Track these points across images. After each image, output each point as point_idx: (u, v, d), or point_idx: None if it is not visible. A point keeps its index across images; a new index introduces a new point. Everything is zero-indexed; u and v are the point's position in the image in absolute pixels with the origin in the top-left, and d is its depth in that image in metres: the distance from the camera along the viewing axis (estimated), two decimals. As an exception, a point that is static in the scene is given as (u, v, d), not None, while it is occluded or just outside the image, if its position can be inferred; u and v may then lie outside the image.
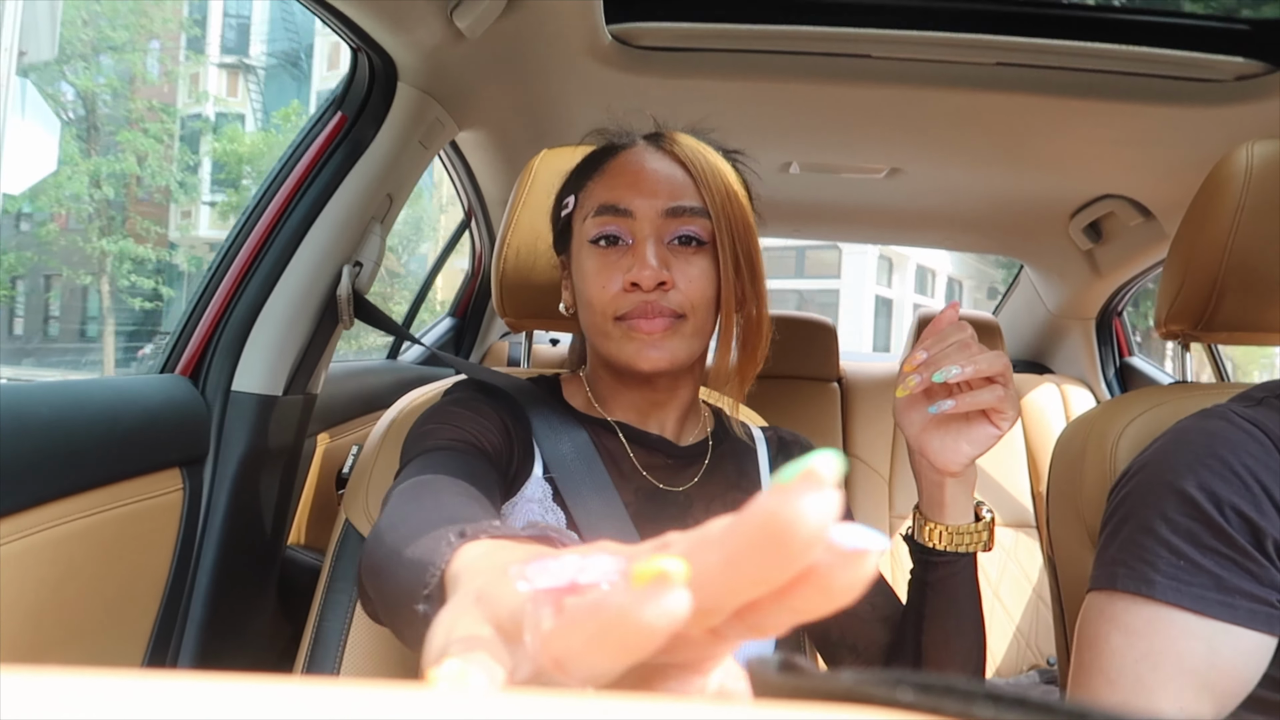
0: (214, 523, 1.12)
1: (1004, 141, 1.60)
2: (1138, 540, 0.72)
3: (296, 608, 1.24)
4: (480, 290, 2.31)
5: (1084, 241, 2.13)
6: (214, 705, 0.15)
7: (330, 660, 0.92)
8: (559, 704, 0.16)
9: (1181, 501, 0.70)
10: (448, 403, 0.80)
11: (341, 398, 1.53)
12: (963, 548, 0.75)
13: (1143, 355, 2.54)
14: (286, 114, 14.85)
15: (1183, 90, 1.31)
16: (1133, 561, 0.71)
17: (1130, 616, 0.70)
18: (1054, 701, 0.16)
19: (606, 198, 0.78)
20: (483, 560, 0.34)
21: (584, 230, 0.79)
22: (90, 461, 0.89)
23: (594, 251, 0.79)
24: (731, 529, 0.20)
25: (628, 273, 0.76)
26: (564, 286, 0.88)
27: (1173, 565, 0.69)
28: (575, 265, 0.82)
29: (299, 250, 1.17)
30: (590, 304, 0.79)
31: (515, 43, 1.25)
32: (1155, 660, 0.67)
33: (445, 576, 0.36)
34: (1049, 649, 1.97)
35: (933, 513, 0.75)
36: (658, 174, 0.78)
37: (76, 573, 0.89)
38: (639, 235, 0.77)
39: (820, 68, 1.34)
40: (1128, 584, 0.70)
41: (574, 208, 0.83)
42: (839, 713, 0.17)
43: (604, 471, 0.80)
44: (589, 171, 0.83)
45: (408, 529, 0.50)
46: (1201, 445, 0.73)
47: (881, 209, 2.21)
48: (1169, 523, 0.70)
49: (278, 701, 0.15)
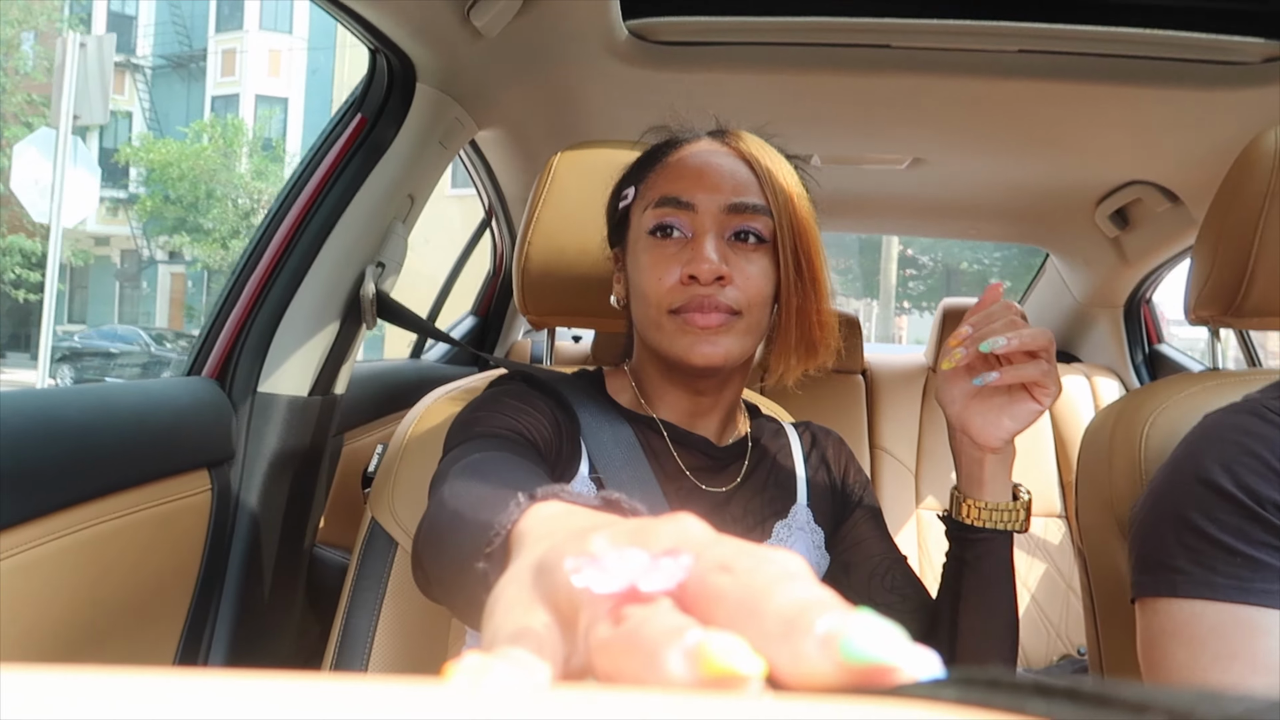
0: (242, 522, 1.13)
1: (1027, 129, 1.58)
2: (1187, 542, 0.70)
3: (324, 606, 1.25)
4: (502, 288, 2.32)
5: (1110, 229, 2.10)
6: (244, 703, 0.15)
7: (358, 657, 0.92)
8: (575, 701, 0.16)
9: (1222, 499, 0.69)
10: (496, 393, 0.79)
11: (366, 397, 1.54)
12: (1000, 525, 0.75)
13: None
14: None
15: (1209, 73, 1.29)
16: (1188, 566, 0.69)
17: (1196, 623, 0.68)
18: (1109, 692, 0.15)
19: (668, 189, 0.77)
20: (552, 522, 0.32)
21: (642, 221, 0.79)
22: (120, 464, 0.90)
23: (651, 243, 0.78)
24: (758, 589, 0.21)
25: (685, 265, 0.75)
26: (616, 279, 0.87)
27: (1230, 564, 0.67)
28: (631, 257, 0.81)
29: (322, 252, 1.18)
30: (644, 295, 0.78)
31: (532, 41, 1.25)
32: (1226, 664, 0.65)
33: (511, 536, 0.34)
34: (1079, 638, 1.95)
35: (971, 490, 0.76)
36: (721, 169, 0.78)
37: (108, 573, 0.90)
38: (699, 229, 0.76)
39: (840, 59, 1.33)
40: (1189, 589, 0.68)
41: (633, 199, 0.82)
42: (880, 706, 0.16)
43: (648, 469, 0.80)
44: (650, 164, 0.82)
45: (472, 496, 0.50)
46: (1233, 441, 0.72)
47: (904, 200, 2.19)
48: (1216, 522, 0.69)
49: (306, 699, 0.15)
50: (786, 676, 0.19)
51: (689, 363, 0.77)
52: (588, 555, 0.24)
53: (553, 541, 0.27)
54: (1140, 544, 0.76)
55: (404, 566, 0.95)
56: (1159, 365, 2.42)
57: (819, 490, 0.88)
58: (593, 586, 0.22)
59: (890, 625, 0.19)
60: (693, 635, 0.20)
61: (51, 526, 0.82)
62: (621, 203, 0.83)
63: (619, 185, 0.86)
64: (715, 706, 0.16)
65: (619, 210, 0.84)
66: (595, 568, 0.23)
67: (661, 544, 0.24)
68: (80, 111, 6.52)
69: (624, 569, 0.23)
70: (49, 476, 0.82)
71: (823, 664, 0.19)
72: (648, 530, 0.25)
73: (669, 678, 0.19)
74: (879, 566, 0.84)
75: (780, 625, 0.20)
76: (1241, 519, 0.68)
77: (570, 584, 0.23)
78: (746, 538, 0.83)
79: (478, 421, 0.73)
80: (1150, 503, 0.76)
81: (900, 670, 0.18)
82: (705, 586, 0.22)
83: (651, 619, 0.21)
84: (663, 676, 0.19)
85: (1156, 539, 0.73)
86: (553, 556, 0.25)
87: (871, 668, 0.18)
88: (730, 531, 0.83)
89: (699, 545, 0.24)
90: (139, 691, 0.15)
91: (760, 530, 0.83)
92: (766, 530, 0.83)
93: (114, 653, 0.93)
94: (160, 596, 1.01)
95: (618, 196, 0.85)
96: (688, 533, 0.25)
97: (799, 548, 0.83)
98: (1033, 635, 1.96)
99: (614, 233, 0.87)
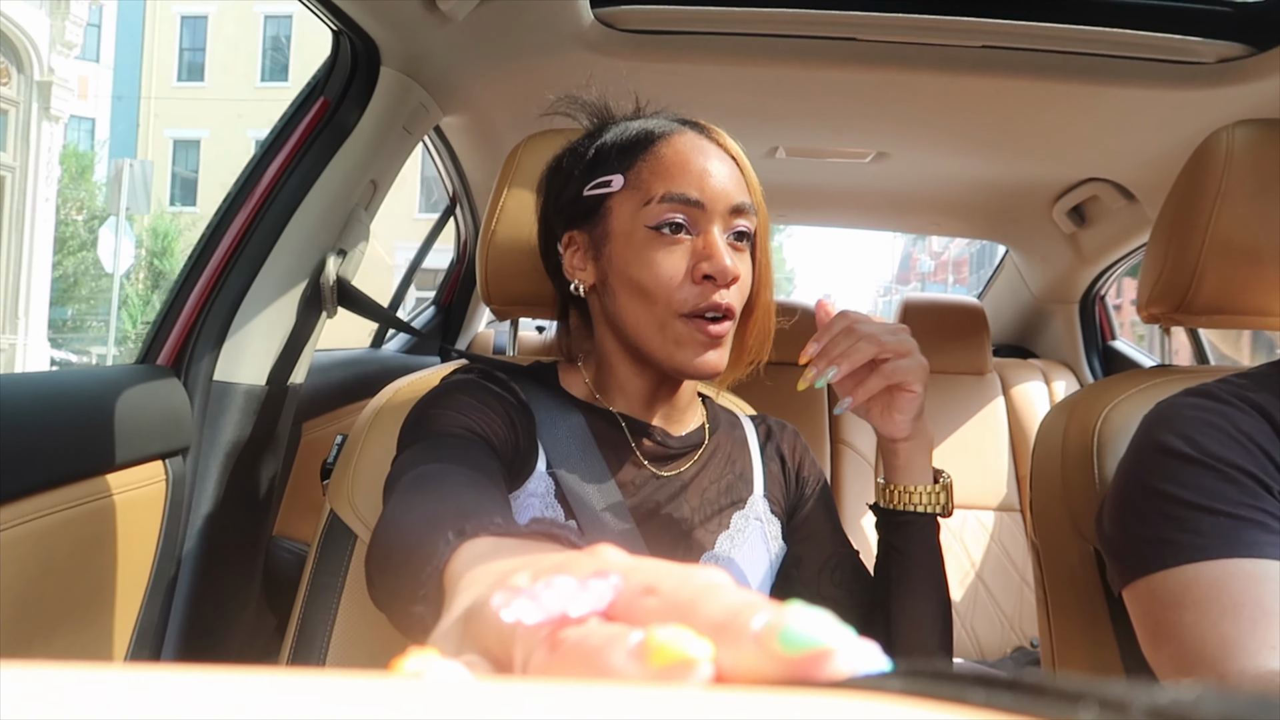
0: (198, 515, 1.11)
1: (990, 125, 1.60)
2: (1165, 512, 0.70)
3: (281, 599, 1.24)
4: (465, 278, 2.30)
5: (1068, 225, 2.14)
6: (198, 698, 0.14)
7: (316, 651, 0.91)
8: (534, 692, 0.16)
9: (1188, 463, 0.70)
10: (449, 388, 0.77)
11: (325, 387, 1.52)
12: (921, 507, 0.79)
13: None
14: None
15: (1166, 73, 1.31)
16: (1171, 534, 0.70)
17: (1194, 585, 0.67)
18: (1047, 683, 0.16)
19: (675, 185, 0.75)
20: (480, 564, 0.33)
21: (640, 214, 0.76)
22: (69, 454, 0.88)
23: (655, 237, 0.75)
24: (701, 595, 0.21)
25: (699, 265, 0.74)
26: (576, 266, 0.82)
27: (1213, 524, 0.68)
28: (618, 249, 0.78)
29: (282, 238, 1.16)
30: (647, 292, 0.75)
31: (498, 26, 1.24)
32: (1234, 614, 0.65)
33: (444, 576, 0.35)
34: (1032, 630, 1.99)
35: (892, 476, 0.80)
36: (721, 167, 0.77)
37: (59, 566, 0.88)
38: (705, 227, 0.75)
39: (806, 51, 1.34)
40: (1179, 556, 0.69)
41: (621, 188, 0.78)
42: (826, 698, 0.16)
43: (601, 460, 0.80)
44: (635, 151, 0.79)
45: (409, 522, 0.50)
46: (1190, 416, 0.74)
47: (867, 193, 2.21)
48: (1187, 487, 0.70)
49: (263, 693, 0.15)
50: (730, 677, 0.19)
51: (689, 373, 0.76)
52: (513, 589, 0.24)
53: (478, 590, 0.27)
54: (1117, 533, 0.76)
55: (363, 559, 0.93)
56: (1112, 361, 2.47)
57: (774, 481, 0.89)
58: (523, 618, 0.22)
59: (824, 613, 0.20)
60: (635, 635, 0.20)
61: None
62: (599, 189, 0.80)
63: (590, 167, 0.81)
64: (671, 697, 0.16)
65: (585, 195, 0.81)
66: (523, 599, 0.23)
67: (584, 573, 0.24)
68: (131, 205, 10.20)
69: (552, 596, 0.23)
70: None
71: (763, 658, 0.19)
72: (568, 564, 0.25)
73: (617, 674, 0.19)
74: (829, 560, 0.86)
75: (715, 631, 0.20)
76: (1214, 481, 0.69)
77: (499, 623, 0.23)
78: (704, 527, 0.83)
79: (432, 420, 0.71)
80: (1117, 489, 0.77)
81: (838, 652, 0.19)
82: (633, 610, 0.23)
83: (589, 634, 0.21)
84: (611, 674, 0.20)
85: (1134, 519, 0.74)
86: (478, 602, 0.25)
87: (811, 653, 0.19)
88: (688, 521, 0.83)
89: (621, 571, 0.24)
90: (89, 687, 0.14)
91: (718, 520, 0.83)
92: (724, 520, 0.83)
93: (63, 648, 0.91)
94: (113, 590, 0.99)
95: (591, 181, 0.81)
96: (608, 562, 0.25)
97: (755, 537, 0.84)
98: (987, 627, 2.00)
99: (573, 217, 0.83)
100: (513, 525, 0.37)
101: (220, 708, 0.14)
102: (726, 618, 0.20)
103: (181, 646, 1.09)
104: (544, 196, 0.87)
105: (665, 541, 0.80)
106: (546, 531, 0.37)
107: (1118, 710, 0.14)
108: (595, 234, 0.81)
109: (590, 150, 0.83)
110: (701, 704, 0.16)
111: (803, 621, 0.19)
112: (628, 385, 0.84)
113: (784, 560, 0.87)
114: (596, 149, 0.82)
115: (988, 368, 2.30)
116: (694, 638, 0.20)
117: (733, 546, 0.82)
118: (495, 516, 0.39)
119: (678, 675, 0.19)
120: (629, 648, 0.20)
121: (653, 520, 0.80)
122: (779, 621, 0.19)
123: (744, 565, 0.82)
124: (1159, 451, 0.73)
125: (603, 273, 0.80)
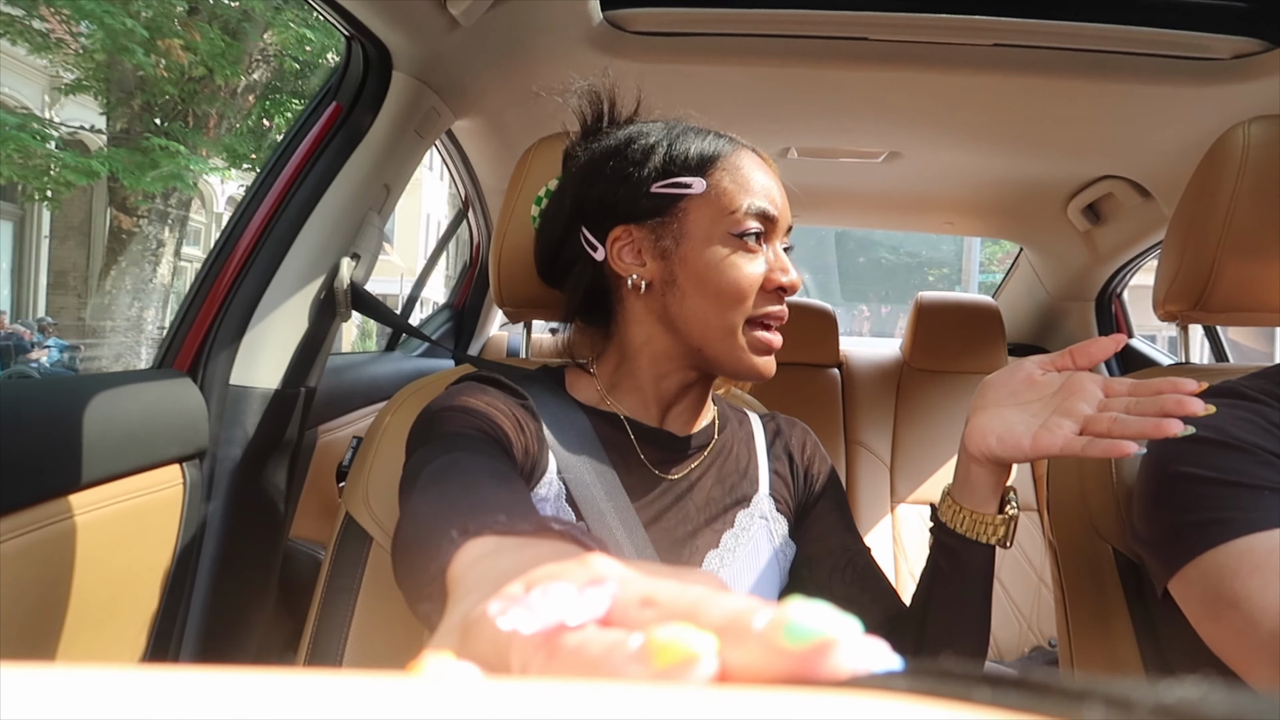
0: (214, 518, 1.12)
1: (1002, 124, 1.59)
2: (1202, 493, 0.69)
3: (298, 601, 1.24)
4: (479, 280, 2.31)
5: (1083, 223, 2.12)
6: (216, 699, 0.14)
7: (333, 652, 0.92)
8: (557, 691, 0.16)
9: (1218, 448, 0.70)
10: (457, 391, 0.77)
11: (340, 390, 1.53)
12: (975, 535, 0.75)
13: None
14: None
15: (1181, 69, 1.30)
16: (1216, 514, 0.68)
17: (1251, 555, 0.66)
18: (1053, 682, 0.16)
19: (758, 199, 0.80)
20: (480, 566, 0.33)
21: (724, 220, 0.78)
22: (88, 459, 0.89)
23: (738, 244, 0.79)
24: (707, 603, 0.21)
25: (774, 274, 0.79)
26: (628, 260, 0.82)
27: (1254, 499, 0.67)
28: (695, 250, 0.78)
29: (296, 242, 1.16)
30: (725, 295, 0.78)
31: (509, 29, 1.24)
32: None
33: (448, 577, 0.36)
34: (1050, 630, 1.98)
35: (969, 497, 0.75)
36: (778, 188, 0.83)
37: (78, 569, 0.88)
38: (772, 241, 0.81)
39: (817, 51, 1.34)
40: (1229, 531, 0.67)
41: (702, 191, 0.79)
42: (835, 695, 0.16)
43: (609, 465, 0.80)
44: (714, 160, 0.81)
45: (423, 517, 0.51)
46: (1220, 410, 0.73)
47: (880, 193, 2.21)
48: (1221, 469, 0.69)
49: (280, 694, 0.15)
50: (737, 677, 0.20)
51: (748, 374, 0.80)
52: (510, 598, 0.24)
53: (473, 596, 0.28)
54: (1154, 528, 0.75)
55: (379, 561, 0.94)
56: (1129, 360, 2.46)
57: (782, 480, 0.89)
58: (520, 628, 0.22)
59: (825, 605, 0.20)
60: (635, 639, 0.20)
61: (19, 521, 0.80)
62: (675, 189, 0.80)
63: (666, 165, 0.81)
64: (686, 696, 0.16)
65: (653, 192, 0.80)
66: (520, 608, 0.23)
67: (579, 581, 0.24)
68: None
69: (549, 605, 0.23)
70: (16, 471, 0.80)
71: (769, 654, 0.19)
72: (562, 573, 0.25)
73: (621, 673, 0.19)
74: (840, 559, 0.85)
75: (718, 633, 0.20)
76: (1247, 462, 0.68)
77: (496, 632, 0.23)
78: (709, 527, 0.83)
79: (442, 422, 0.71)
80: (1147, 486, 0.76)
81: (842, 642, 0.19)
82: (630, 620, 0.23)
83: (588, 640, 0.21)
84: (614, 673, 0.20)
85: (1172, 508, 0.72)
86: (475, 611, 0.25)
87: (816, 644, 0.19)
88: (693, 521, 0.82)
89: (616, 580, 0.24)
90: (108, 688, 0.14)
91: (723, 520, 0.83)
92: (729, 520, 0.83)
93: (82, 650, 0.92)
94: (131, 593, 1.00)
95: (667, 180, 0.80)
96: (600, 571, 0.25)
97: (760, 537, 0.84)
98: (1004, 627, 1.98)
99: (632, 212, 0.81)
100: (516, 523, 0.37)
101: (237, 708, 0.14)
102: (728, 621, 0.20)
103: (198, 649, 1.10)
104: (581, 190, 0.85)
105: (672, 543, 0.80)
106: (550, 528, 0.37)
107: (1124, 708, 0.14)
108: (663, 231, 0.80)
109: (653, 150, 0.82)
110: (712, 703, 0.16)
111: (805, 614, 0.19)
112: (650, 385, 0.84)
113: (795, 560, 0.86)
114: (668, 152, 0.81)
115: (1002, 367, 2.28)
116: (696, 633, 0.20)
117: (737, 545, 0.82)
118: (504, 511, 0.39)
119: (685, 671, 0.19)
120: (630, 651, 0.20)
121: (660, 523, 0.80)
122: (782, 617, 0.20)
123: (748, 564, 0.81)
124: (1188, 441, 0.71)
125: (670, 272, 0.80)
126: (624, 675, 0.19)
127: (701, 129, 0.84)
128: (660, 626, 0.20)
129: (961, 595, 0.76)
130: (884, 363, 2.34)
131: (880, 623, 0.81)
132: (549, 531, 0.37)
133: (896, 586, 0.88)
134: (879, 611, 0.82)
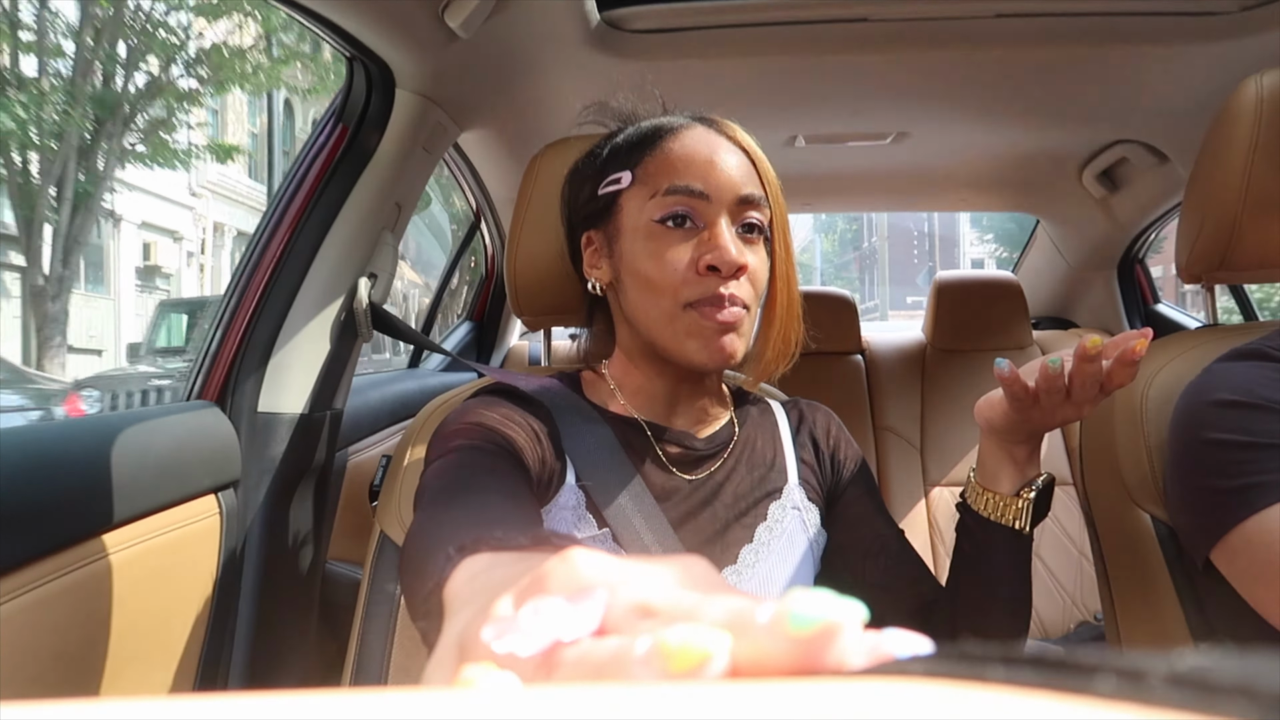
0: (252, 544, 1.13)
1: (1009, 95, 1.57)
2: (1235, 458, 0.69)
3: (340, 622, 1.25)
4: (496, 291, 2.31)
5: (1099, 190, 2.10)
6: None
7: (376, 670, 0.92)
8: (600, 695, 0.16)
9: (1246, 410, 0.69)
10: (472, 405, 0.77)
11: (367, 410, 1.54)
12: (997, 517, 0.74)
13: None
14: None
15: (1187, 26, 1.28)
16: (1258, 477, 0.68)
17: None
18: (1068, 658, 0.16)
19: (679, 178, 0.75)
20: (475, 583, 0.33)
21: (646, 208, 0.76)
22: (125, 495, 0.90)
23: (660, 230, 0.75)
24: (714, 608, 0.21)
25: (704, 255, 0.73)
26: (592, 265, 0.84)
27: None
28: (628, 244, 0.78)
29: (313, 266, 1.17)
30: (653, 285, 0.75)
31: (509, 39, 1.25)
32: None
33: (444, 595, 0.35)
34: (1094, 604, 1.96)
35: (981, 475, 0.76)
36: (728, 159, 0.77)
37: (122, 604, 0.90)
38: (712, 219, 0.75)
39: (818, 36, 1.33)
40: (1271, 495, 0.66)
41: (629, 184, 0.79)
42: (851, 683, 0.16)
43: (632, 469, 0.79)
44: (644, 148, 0.79)
45: (424, 536, 0.51)
46: (1242, 373, 0.72)
47: (891, 175, 2.19)
48: (1251, 431, 0.68)
49: (328, 715, 0.15)
50: (747, 672, 0.20)
51: (697, 364, 0.75)
52: (502, 621, 0.23)
53: (465, 615, 0.27)
54: (1190, 498, 0.74)
55: (416, 576, 0.94)
56: (1156, 325, 2.42)
57: (809, 468, 0.88)
58: (517, 651, 0.22)
59: (826, 593, 0.20)
60: (642, 643, 0.20)
61: (60, 562, 0.81)
62: (611, 186, 0.80)
63: (604, 167, 0.82)
64: (712, 693, 0.16)
65: (599, 194, 0.82)
66: (514, 631, 0.22)
67: (558, 588, 0.24)
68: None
69: (542, 624, 0.22)
70: (57, 511, 0.81)
71: (777, 645, 0.19)
72: (545, 578, 0.25)
73: (634, 675, 0.19)
74: (873, 546, 0.84)
75: (725, 631, 0.20)
76: (1275, 423, 0.67)
77: (493, 656, 0.23)
78: (739, 523, 0.82)
79: (458, 434, 0.71)
80: (1178, 455, 0.75)
81: (847, 624, 0.19)
82: (628, 630, 0.22)
83: (590, 650, 0.21)
84: (627, 674, 0.19)
85: (1208, 476, 0.71)
86: (469, 634, 0.25)
87: (821, 629, 0.19)
88: (723, 520, 0.81)
89: (603, 582, 0.24)
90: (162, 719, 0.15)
91: (754, 513, 0.82)
92: (761, 513, 0.82)
93: (133, 682, 0.93)
94: (175, 623, 1.01)
95: (603, 180, 0.82)
96: (582, 570, 0.25)
97: (795, 528, 0.83)
98: (1048, 604, 1.97)
99: (589, 217, 0.84)
100: (513, 537, 0.37)
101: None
102: (731, 619, 0.20)
103: (246, 673, 1.11)
104: (565, 201, 0.89)
105: (703, 542, 0.79)
106: (548, 540, 0.37)
107: (1136, 679, 0.14)
108: (608, 232, 0.81)
109: (604, 151, 0.84)
110: (737, 698, 0.16)
111: (807, 602, 0.20)
112: (648, 387, 0.84)
113: (827, 549, 0.85)
114: (609, 149, 0.83)
115: (1028, 341, 2.27)
116: (708, 631, 0.20)
117: (771, 538, 0.81)
118: (504, 526, 0.39)
119: (698, 670, 0.19)
120: (638, 658, 0.20)
121: (689, 523, 0.79)
122: (785, 608, 0.20)
123: (784, 555, 0.81)
124: (1218, 407, 0.70)
125: (615, 269, 0.80)
126: (634, 680, 0.19)
127: (655, 119, 0.82)
128: (668, 630, 0.20)
129: (989, 577, 0.75)
130: (907, 346, 2.32)
131: (917, 608, 0.80)
132: (546, 544, 0.36)
133: (935, 572, 0.87)
134: (915, 596, 0.81)
